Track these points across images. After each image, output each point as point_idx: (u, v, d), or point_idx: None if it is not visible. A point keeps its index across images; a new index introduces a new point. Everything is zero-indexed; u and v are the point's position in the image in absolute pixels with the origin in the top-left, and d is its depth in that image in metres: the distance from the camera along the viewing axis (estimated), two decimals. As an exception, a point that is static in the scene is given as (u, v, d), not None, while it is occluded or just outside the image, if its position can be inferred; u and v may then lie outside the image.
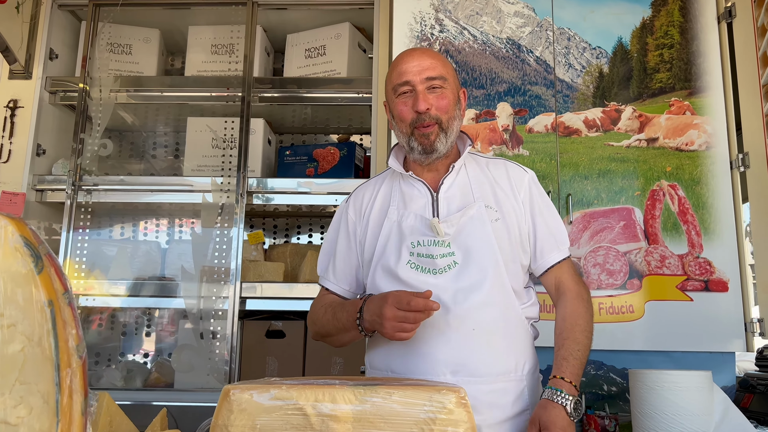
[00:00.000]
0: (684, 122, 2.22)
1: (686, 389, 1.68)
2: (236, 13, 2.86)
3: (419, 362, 1.40)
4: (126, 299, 2.67)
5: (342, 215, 1.64)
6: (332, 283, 1.62)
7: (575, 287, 1.55)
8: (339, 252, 1.62)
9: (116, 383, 2.61)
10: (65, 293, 0.75)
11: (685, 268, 2.12)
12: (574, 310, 1.52)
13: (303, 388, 1.06)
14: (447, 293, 1.42)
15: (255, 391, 1.07)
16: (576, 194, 2.18)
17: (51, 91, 2.81)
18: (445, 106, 1.49)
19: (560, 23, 2.34)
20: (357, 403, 1.05)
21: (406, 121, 1.49)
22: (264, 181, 2.71)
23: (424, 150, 1.49)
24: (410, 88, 1.48)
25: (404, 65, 1.50)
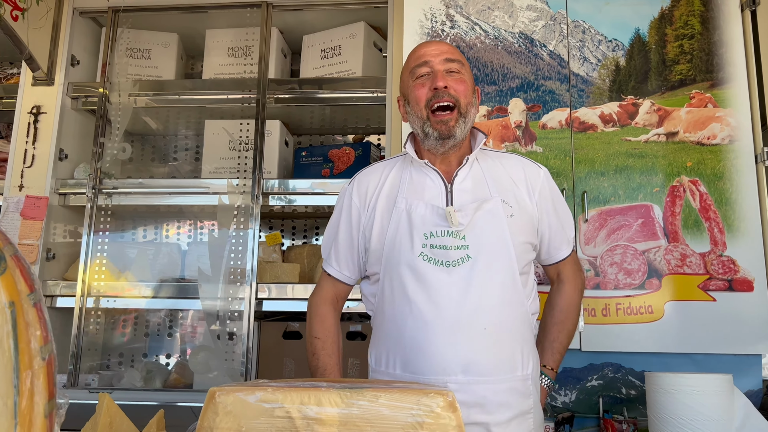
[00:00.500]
0: (706, 115, 2.13)
1: (704, 393, 1.62)
2: (251, 15, 2.87)
3: (431, 362, 1.37)
4: (146, 300, 2.70)
5: (345, 200, 1.60)
6: (335, 270, 1.62)
7: (574, 278, 1.62)
8: (341, 238, 1.59)
9: (136, 384, 2.64)
10: (30, 294, 0.74)
11: (708, 267, 2.04)
12: (571, 301, 1.60)
13: (289, 390, 1.04)
14: (459, 289, 1.40)
15: (241, 393, 1.05)
16: (592, 191, 2.12)
17: (73, 96, 2.86)
18: (464, 90, 1.47)
19: (575, 16, 2.28)
20: (343, 407, 1.03)
21: (422, 102, 1.46)
22: (279, 182, 2.71)
23: (440, 135, 1.46)
24: (428, 70, 1.47)
25: (423, 49, 1.51)
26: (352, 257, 1.59)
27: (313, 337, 1.58)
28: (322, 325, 1.58)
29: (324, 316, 1.60)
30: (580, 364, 2.06)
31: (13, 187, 2.69)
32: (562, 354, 1.59)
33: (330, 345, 1.56)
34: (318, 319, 1.59)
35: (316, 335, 1.58)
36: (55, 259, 2.74)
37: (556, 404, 2.06)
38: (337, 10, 2.90)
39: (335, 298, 1.63)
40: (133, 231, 3.26)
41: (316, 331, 1.58)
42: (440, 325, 1.37)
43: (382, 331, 1.48)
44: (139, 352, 3.11)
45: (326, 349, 1.55)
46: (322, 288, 1.64)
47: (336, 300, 1.63)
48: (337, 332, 1.60)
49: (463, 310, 1.38)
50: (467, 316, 1.38)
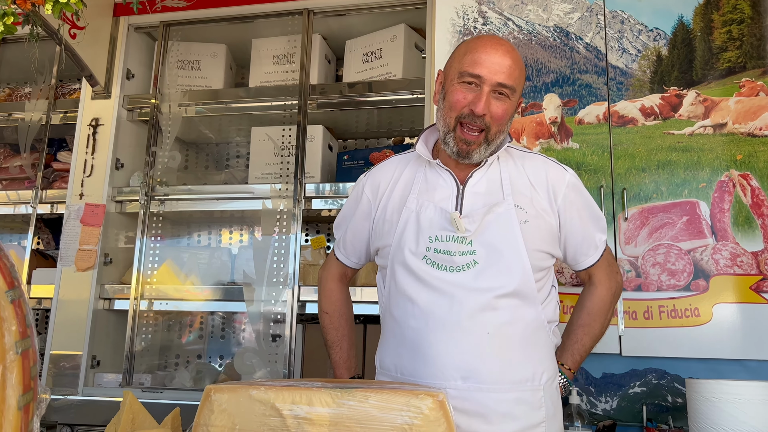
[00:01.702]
0: (757, 104, 1.99)
1: (749, 402, 1.50)
2: (294, 23, 2.93)
3: (429, 366, 1.34)
4: (199, 303, 2.80)
5: (358, 192, 1.62)
6: (342, 255, 1.68)
7: (608, 281, 1.56)
8: (351, 228, 1.63)
9: (186, 384, 2.73)
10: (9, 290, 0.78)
11: (761, 266, 1.90)
12: (601, 305, 1.54)
13: (281, 389, 1.05)
14: (462, 292, 1.36)
15: (235, 391, 1.07)
16: (632, 188, 2.02)
17: (128, 108, 3.00)
18: (501, 117, 1.40)
19: (612, 6, 2.18)
20: (334, 407, 1.03)
21: (456, 111, 1.40)
22: (321, 186, 2.74)
23: (459, 152, 1.42)
24: (477, 83, 1.39)
25: (484, 55, 1.39)
26: (360, 247, 1.63)
27: (323, 312, 1.69)
28: (329, 300, 1.68)
29: (331, 290, 1.69)
30: (621, 370, 1.96)
31: (74, 196, 2.85)
32: (583, 356, 1.53)
33: (337, 318, 1.66)
34: (326, 294, 1.70)
35: (324, 310, 1.68)
36: (113, 264, 2.87)
37: (596, 411, 1.97)
38: (379, 13, 2.91)
39: (343, 275, 1.72)
40: (187, 236, 3.38)
41: (325, 306, 1.68)
42: (441, 327, 1.34)
43: (387, 331, 1.47)
44: (194, 354, 3.22)
45: (333, 323, 1.66)
46: (331, 266, 1.72)
47: (344, 276, 1.72)
48: (345, 304, 1.70)
49: (465, 314, 1.34)
50: (469, 320, 1.34)
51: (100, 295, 2.78)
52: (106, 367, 2.75)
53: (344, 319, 1.66)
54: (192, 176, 3.33)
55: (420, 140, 1.52)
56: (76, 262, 2.76)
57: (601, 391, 1.96)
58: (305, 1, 2.87)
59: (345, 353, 1.61)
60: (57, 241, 3.30)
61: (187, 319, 3.26)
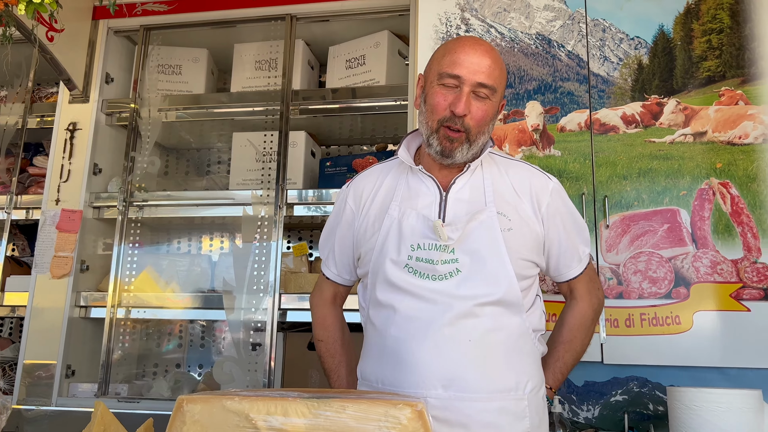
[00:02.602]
0: (737, 113, 2.01)
1: (730, 410, 1.50)
2: (277, 28, 2.91)
3: (410, 375, 1.31)
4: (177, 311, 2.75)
5: (342, 203, 1.58)
6: (332, 273, 1.62)
7: (588, 296, 1.53)
8: (338, 241, 1.58)
9: (164, 393, 2.68)
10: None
11: (741, 274, 1.90)
12: (583, 321, 1.51)
13: (256, 400, 1.02)
14: (445, 299, 1.34)
15: (208, 402, 1.04)
16: (613, 196, 2.02)
17: (107, 113, 2.96)
18: (482, 118, 1.38)
19: (594, 14, 2.19)
20: (310, 417, 1.00)
21: (437, 114, 1.38)
22: (303, 192, 2.72)
23: (442, 152, 1.40)
24: (456, 84, 1.37)
25: (463, 55, 1.37)
26: (349, 260, 1.58)
27: (318, 341, 1.63)
28: (323, 327, 1.62)
29: (324, 317, 1.63)
30: (603, 378, 1.95)
31: (50, 201, 2.79)
32: (565, 374, 1.51)
33: (332, 345, 1.60)
34: (318, 322, 1.64)
35: (319, 338, 1.63)
36: (89, 271, 2.82)
37: (578, 420, 1.96)
38: (362, 19, 2.90)
39: (335, 297, 1.65)
40: (167, 243, 3.33)
41: (319, 334, 1.63)
42: (422, 335, 1.32)
43: (368, 341, 1.45)
44: (173, 363, 3.17)
45: (329, 350, 1.60)
46: (322, 290, 1.66)
47: (335, 298, 1.66)
48: (340, 329, 1.63)
49: (447, 321, 1.32)
50: (451, 327, 1.32)
51: (76, 303, 2.72)
52: (82, 377, 2.69)
53: (339, 344, 1.59)
54: (172, 182, 3.29)
55: (402, 146, 1.50)
56: (51, 269, 2.71)
57: (583, 399, 1.95)
58: (288, 7, 2.85)
59: (344, 381, 1.56)
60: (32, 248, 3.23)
61: (166, 327, 3.20)
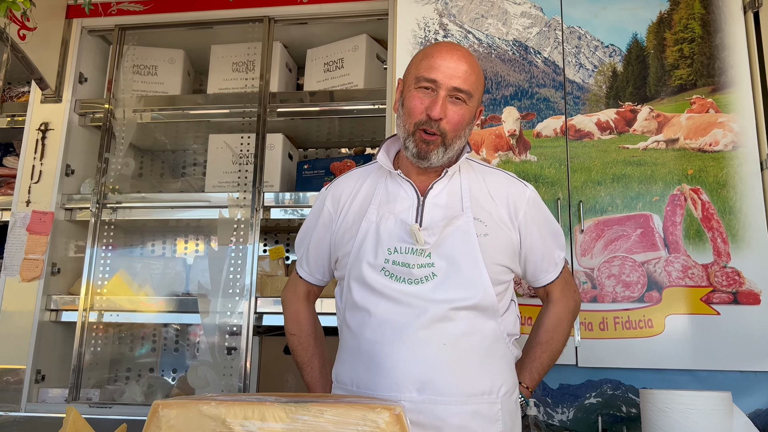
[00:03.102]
0: (707, 121, 2.05)
1: (700, 411, 1.53)
2: (255, 30, 2.89)
3: (384, 377, 1.32)
4: (151, 315, 2.72)
5: (320, 204, 1.59)
6: (306, 272, 1.64)
7: (565, 300, 1.56)
8: (313, 242, 1.59)
9: (137, 399, 2.64)
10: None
11: (711, 278, 1.95)
12: (559, 322, 1.54)
13: (233, 405, 1.01)
14: (420, 303, 1.34)
15: (184, 407, 1.03)
16: (588, 201, 2.05)
17: (80, 113, 2.91)
18: (458, 122, 1.40)
19: (570, 22, 2.22)
20: (287, 422, 1.00)
21: (414, 118, 1.40)
22: (280, 195, 2.71)
23: (418, 154, 1.41)
24: (433, 87, 1.38)
25: (439, 59, 1.39)
26: (323, 262, 1.60)
27: (290, 334, 1.63)
28: (296, 321, 1.63)
29: (297, 311, 1.64)
30: (577, 381, 1.98)
31: (21, 203, 2.74)
32: (542, 374, 1.54)
33: (305, 339, 1.60)
34: (291, 317, 1.64)
35: (291, 332, 1.63)
36: (61, 274, 2.77)
37: (553, 422, 1.98)
38: (341, 23, 2.90)
39: (308, 294, 1.67)
40: (140, 246, 3.29)
41: (291, 328, 1.63)
42: (397, 338, 1.32)
43: (344, 345, 1.45)
44: (146, 367, 3.12)
45: (302, 344, 1.61)
46: (295, 285, 1.67)
47: (308, 295, 1.67)
48: (313, 324, 1.64)
49: (422, 324, 1.33)
50: (426, 330, 1.32)
51: (47, 307, 2.67)
52: (52, 382, 2.64)
53: (312, 337, 1.60)
54: (146, 184, 3.25)
55: (381, 150, 1.51)
56: (21, 271, 2.65)
57: (557, 402, 1.97)
58: (266, 9, 2.84)
59: (317, 372, 1.56)
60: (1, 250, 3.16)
61: (140, 331, 3.16)
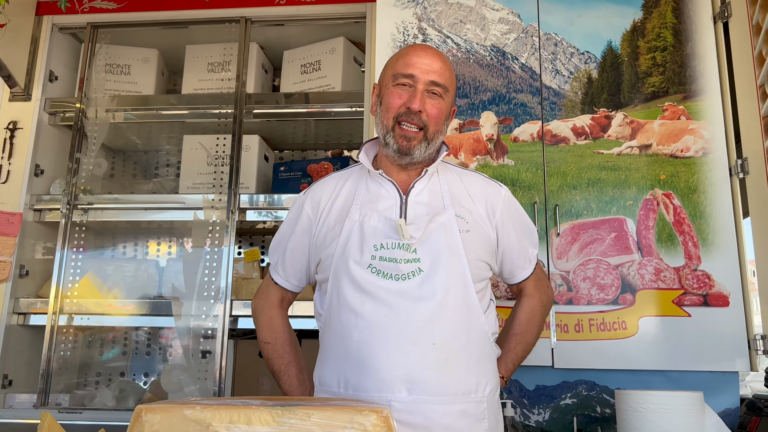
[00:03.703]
0: (679, 127, 2.11)
1: (673, 411, 1.57)
2: (231, 30, 2.87)
3: (374, 378, 1.32)
4: (123, 318, 2.67)
5: (298, 209, 1.58)
6: (281, 278, 1.61)
7: (538, 292, 1.61)
8: (290, 247, 1.57)
9: (108, 404, 2.59)
10: None
11: (682, 281, 2.00)
12: (532, 315, 1.59)
13: (218, 408, 1.00)
14: (408, 302, 1.35)
15: (168, 411, 1.02)
16: (564, 205, 2.08)
17: (50, 112, 2.85)
18: (436, 116, 1.43)
19: (547, 28, 2.26)
20: (274, 425, 0.99)
21: (393, 112, 1.43)
22: (256, 197, 2.69)
23: (399, 150, 1.43)
24: (411, 83, 1.42)
25: (415, 57, 1.44)
26: (300, 267, 1.58)
27: (264, 343, 1.60)
28: (270, 329, 1.59)
29: (271, 318, 1.61)
30: (553, 382, 2.01)
31: (-13, 203, 2.67)
32: (516, 365, 1.57)
33: (281, 346, 1.58)
34: (264, 324, 1.61)
35: (265, 340, 1.59)
36: (29, 276, 2.71)
37: (529, 423, 2.01)
38: (318, 25, 2.90)
39: (281, 301, 1.64)
40: (112, 248, 3.23)
41: (265, 336, 1.60)
42: (386, 338, 1.33)
43: (328, 347, 1.44)
44: (117, 371, 3.07)
45: (277, 351, 1.58)
46: (268, 293, 1.64)
47: (282, 302, 1.65)
48: (287, 331, 1.61)
49: (410, 324, 1.33)
50: (415, 330, 1.33)
51: (14, 310, 2.61)
52: (19, 387, 2.57)
53: (288, 344, 1.57)
54: (118, 185, 3.19)
55: (362, 152, 1.52)
56: (-12, 274, 2.58)
57: (534, 403, 2.00)
58: (243, 9, 2.82)
59: (295, 380, 1.54)
60: (-34, 252, 3.07)
61: (109, 334, 3.10)
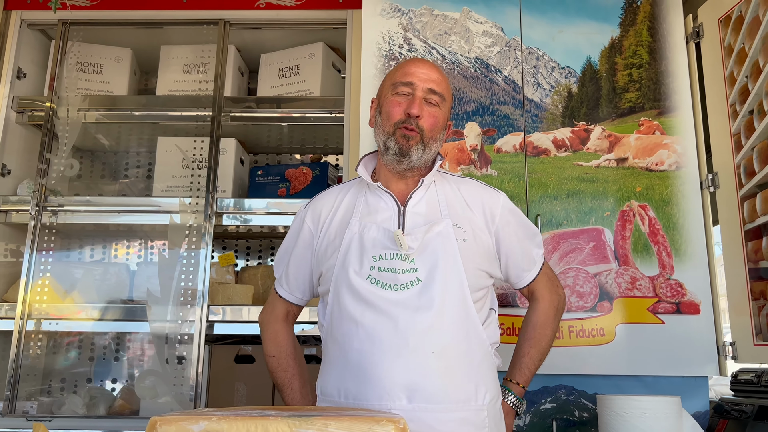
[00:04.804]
0: (654, 142, 2.20)
1: (654, 415, 1.64)
2: (208, 32, 2.84)
3: (374, 387, 1.34)
4: (92, 323, 2.60)
5: (300, 222, 1.60)
6: (285, 291, 1.63)
7: (549, 295, 1.62)
8: (293, 261, 1.59)
9: (78, 411, 2.52)
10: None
11: (657, 290, 2.08)
12: (545, 318, 1.60)
13: (235, 419, 1.00)
14: (407, 311, 1.38)
15: (184, 423, 1.01)
16: (545, 215, 2.15)
17: (18, 110, 2.76)
18: (433, 124, 1.48)
19: (529, 43, 2.33)
20: (292, 436, 1.00)
21: (393, 120, 1.47)
22: (233, 201, 2.67)
23: (399, 150, 1.46)
24: (410, 91, 1.47)
25: (414, 68, 1.50)
26: (304, 280, 1.60)
27: (268, 356, 1.62)
28: (275, 342, 1.61)
29: (276, 332, 1.63)
30: (534, 387, 2.06)
31: (-49, 204, 2.57)
32: (532, 371, 1.57)
33: (285, 360, 1.59)
34: (270, 337, 1.63)
35: (270, 354, 1.61)
36: (-7, 280, 2.62)
37: (510, 427, 2.06)
38: (296, 30, 2.90)
39: (286, 315, 1.66)
40: (80, 250, 3.14)
41: (270, 349, 1.61)
42: (386, 347, 1.35)
43: (330, 357, 1.46)
44: (83, 377, 2.99)
45: (281, 365, 1.59)
46: (274, 306, 1.66)
47: (287, 316, 1.66)
48: (292, 344, 1.63)
49: (410, 333, 1.36)
50: (414, 339, 1.35)
51: (-21, 314, 2.51)
52: (-18, 395, 2.48)
53: (291, 358, 1.59)
54: (84, 185, 3.11)
55: (361, 165, 1.54)
56: (-48, 277, 2.48)
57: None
58: (222, 12, 2.80)
59: (297, 393, 1.55)
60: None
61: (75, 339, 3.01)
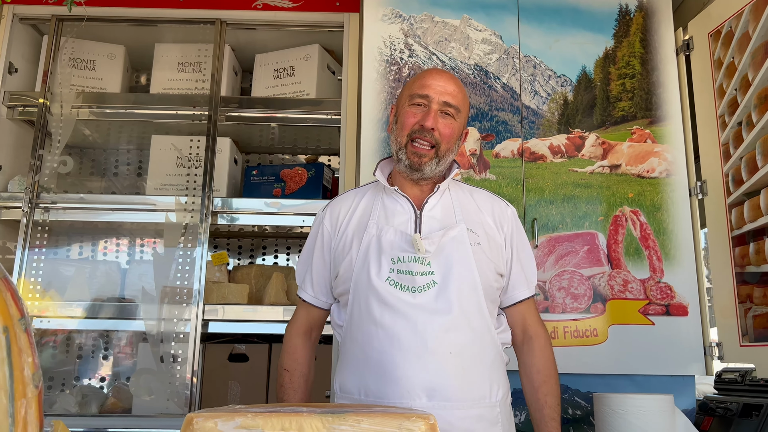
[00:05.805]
0: (645, 150, 2.28)
1: (649, 413, 1.70)
2: (204, 31, 2.84)
3: (395, 386, 1.38)
4: (83, 321, 2.58)
5: (318, 226, 1.63)
6: (310, 296, 1.64)
7: (543, 332, 1.61)
8: (315, 264, 1.61)
9: (70, 409, 2.51)
10: (21, 319, 0.71)
11: (647, 292, 2.17)
12: (548, 360, 1.57)
13: (269, 416, 1.03)
14: (425, 314, 1.42)
15: (219, 419, 1.03)
16: (541, 219, 2.21)
17: (9, 105, 2.73)
18: (449, 135, 1.52)
19: (526, 51, 2.39)
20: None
21: (407, 130, 1.51)
22: (229, 201, 2.68)
23: (410, 166, 1.51)
24: (426, 102, 1.51)
25: (431, 80, 1.53)
26: (325, 282, 1.62)
27: (282, 369, 1.61)
28: (292, 357, 1.61)
29: (295, 347, 1.62)
30: (529, 386, 2.12)
31: (-61, 200, 2.53)
32: (557, 418, 1.52)
33: (297, 378, 1.59)
34: (288, 351, 1.62)
35: (285, 367, 1.61)
36: (-16, 277, 2.58)
37: (505, 425, 2.11)
38: (291, 31, 2.91)
39: (309, 328, 1.65)
40: (69, 248, 3.12)
41: (286, 362, 1.61)
42: (406, 348, 1.39)
43: (349, 356, 1.49)
44: (71, 376, 2.96)
45: (293, 383, 1.58)
46: (297, 318, 1.67)
47: (310, 330, 1.66)
48: (308, 364, 1.62)
49: (428, 334, 1.40)
50: (433, 340, 1.40)
51: (-30, 312, 2.47)
52: (-26, 394, 2.44)
53: (304, 379, 1.59)
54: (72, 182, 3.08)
55: (378, 169, 1.58)
56: (-58, 274, 2.44)
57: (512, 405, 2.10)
58: (218, 11, 2.80)
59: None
60: None
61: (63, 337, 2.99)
